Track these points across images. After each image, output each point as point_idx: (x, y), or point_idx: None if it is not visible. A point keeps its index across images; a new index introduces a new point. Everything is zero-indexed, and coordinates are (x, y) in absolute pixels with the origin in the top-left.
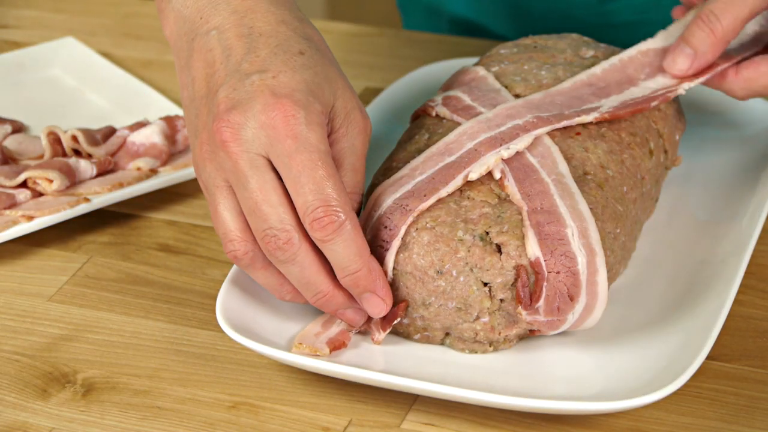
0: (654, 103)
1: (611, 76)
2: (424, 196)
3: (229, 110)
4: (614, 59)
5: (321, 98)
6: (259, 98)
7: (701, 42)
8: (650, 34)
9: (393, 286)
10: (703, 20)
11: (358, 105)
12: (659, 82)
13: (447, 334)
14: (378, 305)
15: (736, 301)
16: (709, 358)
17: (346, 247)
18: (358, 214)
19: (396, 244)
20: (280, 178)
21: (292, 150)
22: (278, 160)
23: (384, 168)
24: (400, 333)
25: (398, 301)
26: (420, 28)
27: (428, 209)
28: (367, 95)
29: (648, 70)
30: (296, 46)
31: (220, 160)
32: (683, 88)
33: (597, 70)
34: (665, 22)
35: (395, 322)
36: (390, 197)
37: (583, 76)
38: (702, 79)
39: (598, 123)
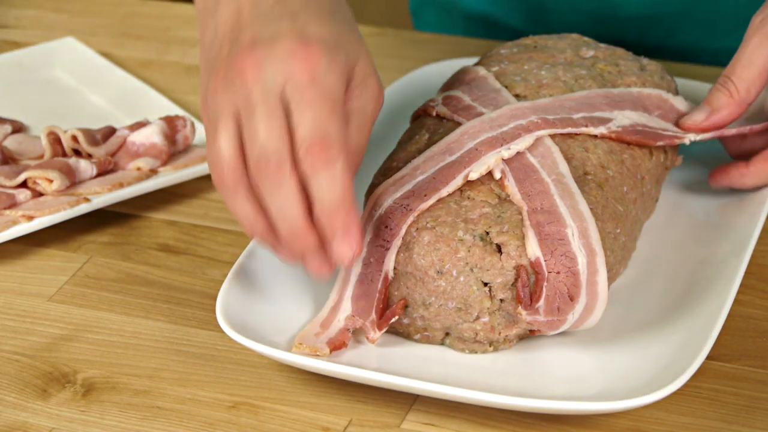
0: (660, 143)
1: (628, 97)
2: (425, 195)
3: (253, 44)
4: (633, 89)
5: (347, 52)
6: (286, 39)
7: (719, 101)
8: (661, 29)
9: (393, 285)
10: (722, 83)
11: (376, 74)
12: (669, 126)
13: (447, 334)
14: (346, 251)
15: (736, 301)
16: (709, 358)
17: (331, 184)
18: (354, 173)
19: (396, 243)
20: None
21: (306, 85)
22: (292, 93)
23: (384, 168)
24: (400, 333)
25: (397, 299)
26: (432, 28)
27: (429, 209)
28: None
29: (660, 112)
30: (327, 6)
31: (235, 88)
32: (689, 138)
33: (614, 90)
34: (675, 15)
35: (393, 320)
36: (390, 197)
37: (599, 90)
38: (710, 135)
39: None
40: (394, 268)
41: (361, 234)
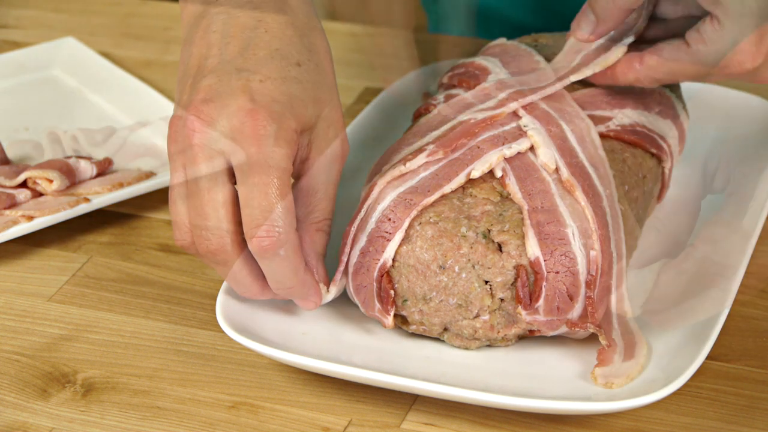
0: (653, 150)
1: (629, 94)
2: (428, 191)
3: (206, 101)
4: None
5: (300, 116)
6: (238, 98)
7: (603, 8)
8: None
9: (394, 278)
10: None
11: (340, 122)
12: (670, 128)
13: (445, 329)
14: (307, 305)
15: (736, 301)
16: (709, 358)
17: (282, 267)
18: (328, 238)
19: (399, 235)
20: (233, 183)
21: (253, 161)
22: (238, 166)
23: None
24: (399, 320)
25: (398, 293)
26: (446, 26)
27: (431, 205)
28: (367, 95)
29: (661, 108)
30: (296, 55)
31: (184, 146)
32: (667, 168)
33: (616, 88)
34: None
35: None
36: (394, 191)
37: (601, 87)
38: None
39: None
40: (396, 260)
41: (320, 289)
